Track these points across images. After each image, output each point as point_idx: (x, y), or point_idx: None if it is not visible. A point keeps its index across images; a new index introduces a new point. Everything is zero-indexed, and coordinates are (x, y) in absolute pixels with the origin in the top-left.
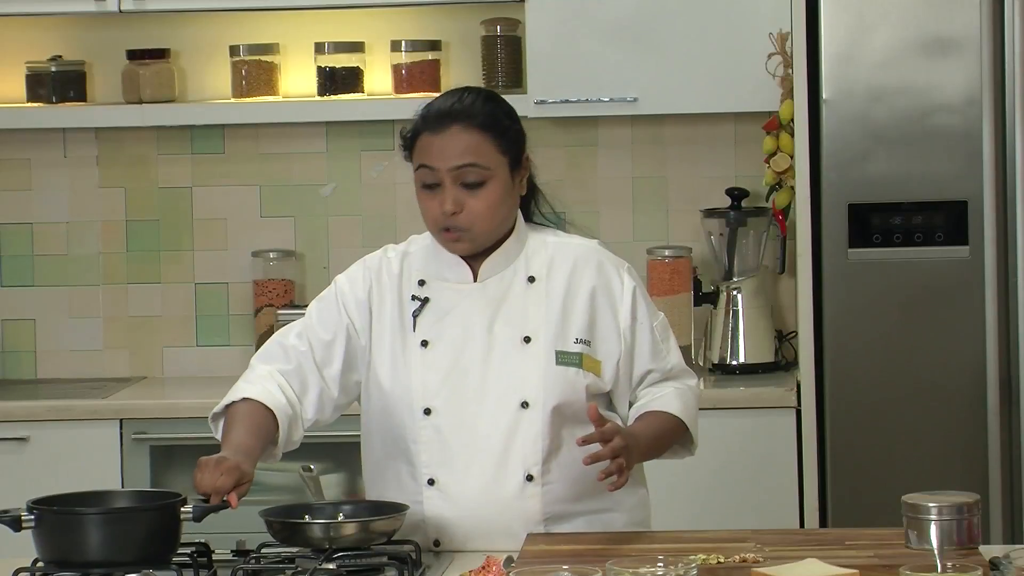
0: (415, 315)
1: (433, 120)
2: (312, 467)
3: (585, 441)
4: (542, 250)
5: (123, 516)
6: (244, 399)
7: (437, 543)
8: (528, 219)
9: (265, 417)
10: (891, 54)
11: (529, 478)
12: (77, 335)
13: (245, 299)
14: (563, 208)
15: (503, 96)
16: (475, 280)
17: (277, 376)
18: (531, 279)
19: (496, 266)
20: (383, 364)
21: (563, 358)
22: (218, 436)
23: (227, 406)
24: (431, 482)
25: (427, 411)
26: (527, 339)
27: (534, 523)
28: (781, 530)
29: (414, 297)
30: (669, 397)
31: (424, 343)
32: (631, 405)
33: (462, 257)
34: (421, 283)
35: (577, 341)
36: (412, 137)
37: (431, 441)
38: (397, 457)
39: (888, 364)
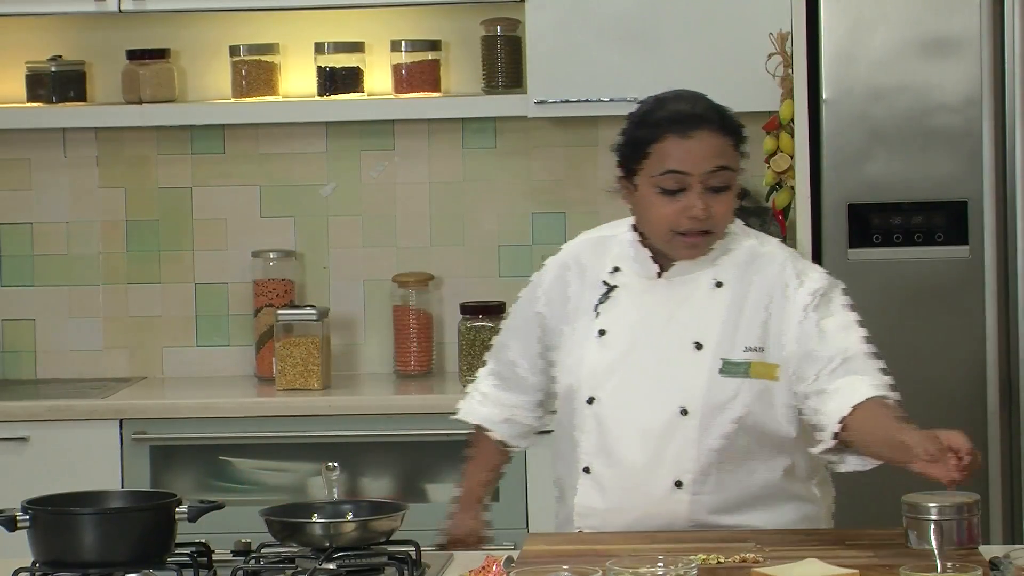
0: (599, 301)
1: (679, 123)
2: (335, 465)
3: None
4: (739, 254)
5: (118, 516)
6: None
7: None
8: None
9: (492, 451)
10: (891, 54)
11: (678, 484)
12: (77, 335)
13: (245, 299)
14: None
15: (505, 95)
16: (661, 276)
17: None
18: (717, 284)
19: (684, 268)
20: (564, 348)
21: (728, 368)
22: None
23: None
24: (587, 470)
25: (591, 400)
26: (697, 345)
27: (679, 528)
28: (781, 530)
29: (602, 283)
30: (864, 388)
31: (600, 332)
32: (808, 401)
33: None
34: (614, 270)
35: (746, 349)
36: (648, 141)
37: (592, 430)
38: (567, 442)
39: (888, 364)
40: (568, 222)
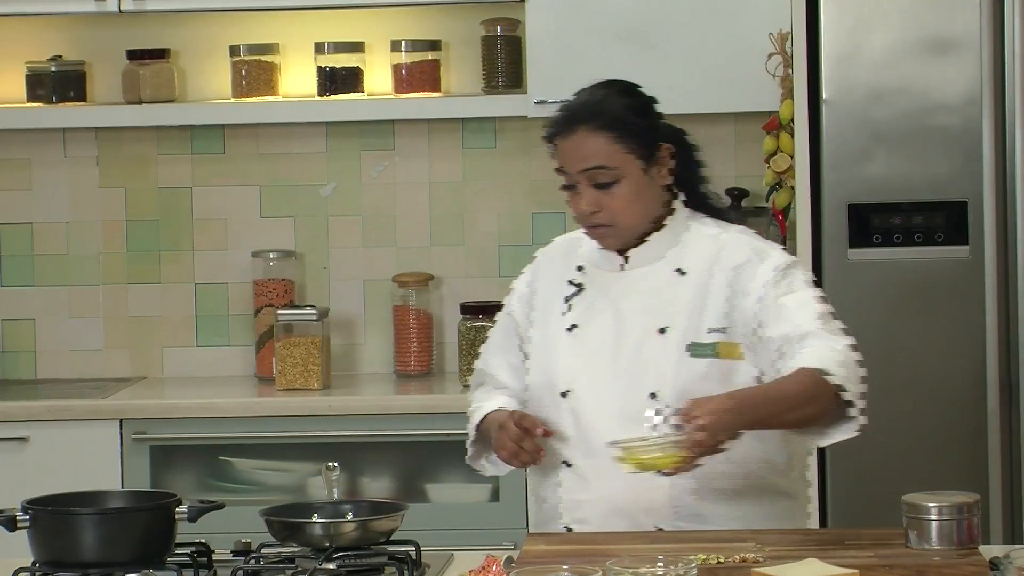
0: (569, 299)
1: (561, 123)
2: (335, 465)
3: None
4: (700, 242)
5: (118, 516)
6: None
7: (568, 530)
8: (699, 202)
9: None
10: (891, 54)
11: None
12: (77, 335)
13: (245, 299)
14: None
15: (505, 95)
16: (624, 267)
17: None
18: (680, 271)
19: (645, 258)
20: (535, 347)
21: (696, 350)
22: (488, 470)
23: (478, 428)
24: (567, 464)
25: (566, 393)
26: (664, 330)
27: (663, 516)
28: (781, 530)
29: (571, 282)
30: (805, 355)
31: (571, 327)
32: None
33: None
34: (582, 268)
35: (712, 331)
36: (549, 139)
37: (569, 424)
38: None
39: (888, 364)
40: (568, 222)
